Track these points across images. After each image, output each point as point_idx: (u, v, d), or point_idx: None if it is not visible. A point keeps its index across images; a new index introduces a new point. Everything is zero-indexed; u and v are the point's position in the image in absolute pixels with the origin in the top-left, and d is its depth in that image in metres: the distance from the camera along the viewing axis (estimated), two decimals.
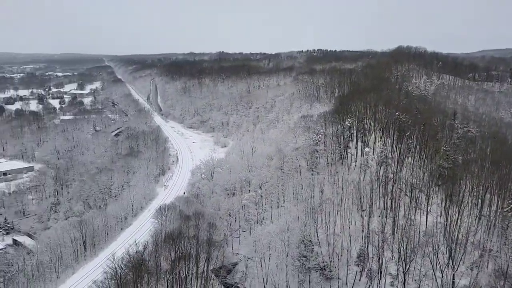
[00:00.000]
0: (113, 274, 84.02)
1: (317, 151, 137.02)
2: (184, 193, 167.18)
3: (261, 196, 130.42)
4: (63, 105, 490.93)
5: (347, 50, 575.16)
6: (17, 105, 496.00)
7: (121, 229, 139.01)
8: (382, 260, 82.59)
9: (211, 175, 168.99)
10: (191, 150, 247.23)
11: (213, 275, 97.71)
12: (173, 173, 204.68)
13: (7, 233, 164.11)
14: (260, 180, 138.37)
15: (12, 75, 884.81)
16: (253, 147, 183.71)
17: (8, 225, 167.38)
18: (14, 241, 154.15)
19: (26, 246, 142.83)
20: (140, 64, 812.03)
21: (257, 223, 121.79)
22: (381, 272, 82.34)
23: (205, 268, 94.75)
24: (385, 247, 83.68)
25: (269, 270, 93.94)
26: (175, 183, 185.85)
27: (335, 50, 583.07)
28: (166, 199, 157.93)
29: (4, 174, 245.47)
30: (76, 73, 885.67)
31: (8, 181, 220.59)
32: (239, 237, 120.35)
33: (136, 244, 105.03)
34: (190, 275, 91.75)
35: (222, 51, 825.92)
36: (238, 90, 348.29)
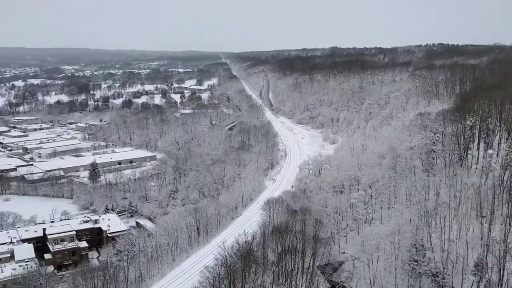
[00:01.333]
0: (223, 261, 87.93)
1: (434, 151, 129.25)
2: (292, 187, 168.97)
3: (371, 196, 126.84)
4: (183, 100, 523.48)
5: (470, 44, 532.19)
6: (143, 98, 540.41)
7: (232, 218, 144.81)
8: (503, 271, 75.70)
9: (319, 172, 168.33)
10: (300, 146, 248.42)
11: (318, 272, 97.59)
12: (281, 167, 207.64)
13: (131, 216, 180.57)
14: (370, 179, 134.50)
15: (139, 71, 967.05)
16: (364, 145, 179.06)
17: (132, 209, 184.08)
18: (137, 223, 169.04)
19: (147, 229, 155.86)
20: (254, 60, 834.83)
21: (365, 223, 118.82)
22: (501, 285, 75.57)
23: (311, 263, 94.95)
24: (507, 257, 76.53)
25: (377, 272, 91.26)
26: (283, 178, 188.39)
27: (457, 44, 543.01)
28: (274, 193, 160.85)
29: (131, 161, 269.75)
30: (195, 70, 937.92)
31: (134, 168, 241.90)
32: (346, 236, 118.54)
33: (245, 234, 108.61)
34: (296, 269, 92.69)
35: (335, 46, 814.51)
36: (350, 86, 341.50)
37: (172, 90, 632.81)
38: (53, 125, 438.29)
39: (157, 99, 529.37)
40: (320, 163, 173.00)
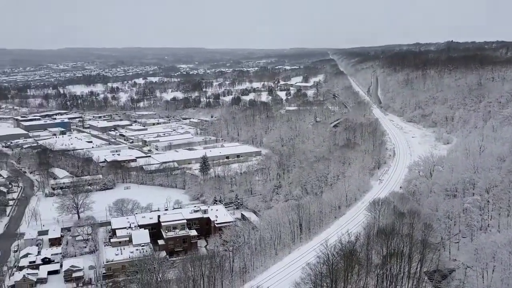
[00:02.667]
0: (325, 259, 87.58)
1: None
2: (400, 187, 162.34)
3: (488, 201, 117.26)
4: (289, 97, 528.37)
5: None
6: (251, 96, 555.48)
7: (335, 217, 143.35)
8: None
9: (430, 173, 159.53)
10: (410, 145, 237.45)
11: (426, 278, 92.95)
12: (388, 167, 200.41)
13: (237, 208, 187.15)
14: (488, 183, 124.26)
15: (248, 69, 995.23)
16: (482, 146, 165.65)
17: (238, 201, 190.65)
18: (242, 216, 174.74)
19: (252, 221, 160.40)
20: (362, 56, 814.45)
21: (480, 230, 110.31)
22: None
23: (418, 269, 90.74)
24: None
25: (492, 283, 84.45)
26: (390, 178, 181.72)
27: None
28: (380, 193, 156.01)
29: (238, 156, 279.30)
30: (302, 67, 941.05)
31: (241, 163, 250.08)
32: (458, 242, 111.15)
33: (349, 234, 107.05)
34: (402, 274, 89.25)
35: (451, 41, 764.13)
36: (467, 82, 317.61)
37: (278, 87, 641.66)
38: (169, 120, 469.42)
39: (264, 96, 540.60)
40: (431, 164, 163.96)
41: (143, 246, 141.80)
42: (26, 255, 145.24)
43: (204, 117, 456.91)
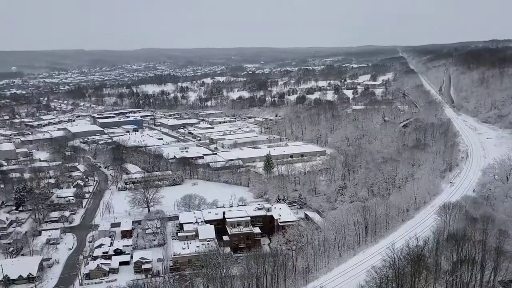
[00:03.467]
0: (391, 263, 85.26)
1: None
2: (473, 191, 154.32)
3: None
4: (356, 96, 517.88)
5: None
6: (316, 94, 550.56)
7: (402, 220, 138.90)
8: None
9: (507, 177, 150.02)
10: (484, 147, 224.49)
11: (500, 287, 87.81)
12: (461, 170, 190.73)
13: (301, 208, 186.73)
14: None
15: (314, 67, 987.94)
16: None
17: (302, 201, 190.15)
18: (306, 215, 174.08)
19: (315, 222, 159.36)
20: (434, 54, 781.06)
21: None
22: None
23: (492, 277, 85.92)
24: None
25: None
26: (462, 181, 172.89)
27: None
28: (451, 197, 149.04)
29: (301, 155, 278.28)
30: (370, 65, 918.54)
31: (304, 162, 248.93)
32: None
33: (417, 238, 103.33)
34: (473, 282, 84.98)
35: None
36: None
37: (345, 86, 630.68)
38: (235, 118, 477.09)
39: (330, 95, 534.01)
40: (508, 168, 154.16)
41: (208, 241, 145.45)
42: (100, 246, 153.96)
43: (269, 116, 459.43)
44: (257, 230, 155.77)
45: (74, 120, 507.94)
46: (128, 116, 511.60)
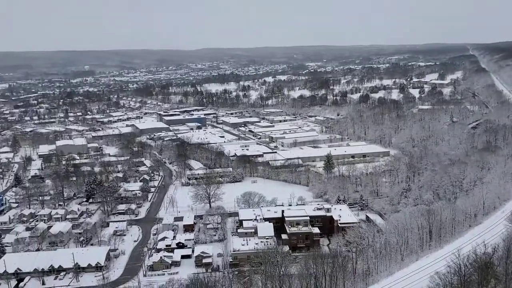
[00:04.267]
0: (457, 270, 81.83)
1: None
2: None
3: None
4: (422, 95, 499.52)
5: None
6: (380, 93, 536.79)
7: (469, 226, 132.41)
8: None
9: None
10: None
11: None
12: None
13: (362, 209, 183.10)
14: None
15: (378, 66, 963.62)
16: None
17: (363, 202, 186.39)
18: (367, 217, 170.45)
19: (377, 224, 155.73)
20: (508, 51, 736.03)
21: None
22: None
23: None
24: None
25: None
26: None
27: None
28: None
29: (364, 156, 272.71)
30: (437, 63, 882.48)
31: (367, 163, 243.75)
32: None
33: (485, 245, 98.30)
34: None
35: None
36: None
37: (411, 84, 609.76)
38: (295, 117, 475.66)
39: (395, 94, 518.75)
40: None
41: (267, 238, 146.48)
42: (163, 239, 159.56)
43: (330, 115, 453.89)
44: (316, 230, 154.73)
45: (141, 117, 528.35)
46: (192, 114, 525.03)
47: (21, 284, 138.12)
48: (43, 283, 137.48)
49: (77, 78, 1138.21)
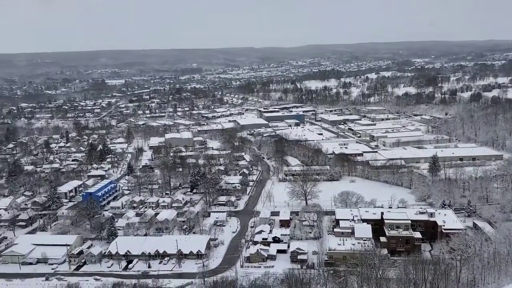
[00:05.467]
0: None
1: None
2: None
3: None
4: None
5: None
6: (494, 92, 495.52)
7: None
8: None
9: None
10: None
11: None
12: None
13: (469, 216, 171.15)
14: None
15: (493, 63, 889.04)
16: None
17: (471, 208, 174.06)
18: (474, 224, 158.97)
19: (485, 232, 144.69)
20: None
21: None
22: None
23: None
24: None
25: None
26: None
27: None
28: None
29: (473, 159, 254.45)
30: None
31: (476, 166, 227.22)
32: None
33: None
34: None
35: None
36: None
37: None
38: (399, 116, 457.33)
39: (511, 93, 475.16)
40: None
41: (364, 240, 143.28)
42: (260, 232, 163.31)
43: (438, 114, 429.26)
44: (417, 234, 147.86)
45: (243, 113, 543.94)
46: (291, 111, 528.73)
47: (130, 265, 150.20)
48: (149, 266, 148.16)
49: (186, 75, 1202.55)
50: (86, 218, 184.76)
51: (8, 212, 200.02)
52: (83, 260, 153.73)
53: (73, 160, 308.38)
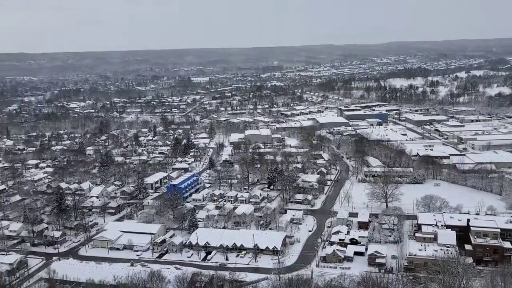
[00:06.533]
0: None
1: None
2: None
3: None
4: None
5: None
6: None
7: None
8: None
9: None
10: None
11: None
12: None
13: None
14: None
15: None
16: None
17: None
18: None
19: None
20: None
21: None
22: None
23: None
24: None
25: None
26: None
27: None
28: None
29: None
30: None
31: None
32: None
33: None
34: None
35: None
36: None
37: None
38: (491, 117, 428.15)
39: None
40: None
41: (448, 247, 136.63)
42: (337, 233, 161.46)
43: None
44: (507, 244, 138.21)
45: (322, 111, 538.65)
46: (373, 110, 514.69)
47: (209, 256, 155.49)
48: (227, 259, 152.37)
49: (267, 73, 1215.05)
50: (169, 209, 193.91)
51: (99, 200, 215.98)
52: (165, 249, 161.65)
53: (159, 153, 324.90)
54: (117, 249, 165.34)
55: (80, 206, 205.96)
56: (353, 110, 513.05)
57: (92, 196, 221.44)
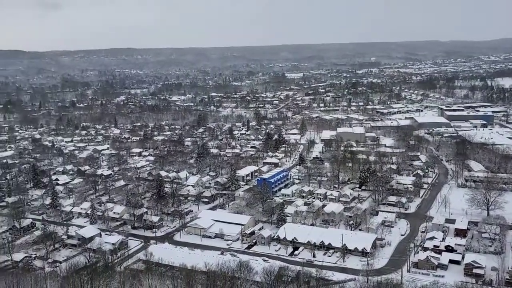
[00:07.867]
0: None
1: None
2: None
3: None
4: None
5: None
6: None
7: None
8: None
9: None
10: None
11: None
12: None
13: None
14: None
15: None
16: None
17: None
18: None
19: None
20: None
21: None
22: None
23: None
24: None
25: None
26: None
27: None
28: None
29: None
30: None
31: None
32: None
33: None
34: None
35: None
36: None
37: None
38: None
39: None
40: None
41: None
42: (431, 238, 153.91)
43: None
44: None
45: (421, 111, 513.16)
46: (478, 110, 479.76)
47: (296, 252, 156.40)
48: (314, 256, 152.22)
49: (363, 69, 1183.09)
50: (259, 201, 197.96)
51: (195, 189, 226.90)
52: (254, 240, 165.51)
53: (251, 147, 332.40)
54: (209, 237, 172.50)
55: (177, 194, 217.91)
56: (455, 110, 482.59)
57: (189, 185, 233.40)
